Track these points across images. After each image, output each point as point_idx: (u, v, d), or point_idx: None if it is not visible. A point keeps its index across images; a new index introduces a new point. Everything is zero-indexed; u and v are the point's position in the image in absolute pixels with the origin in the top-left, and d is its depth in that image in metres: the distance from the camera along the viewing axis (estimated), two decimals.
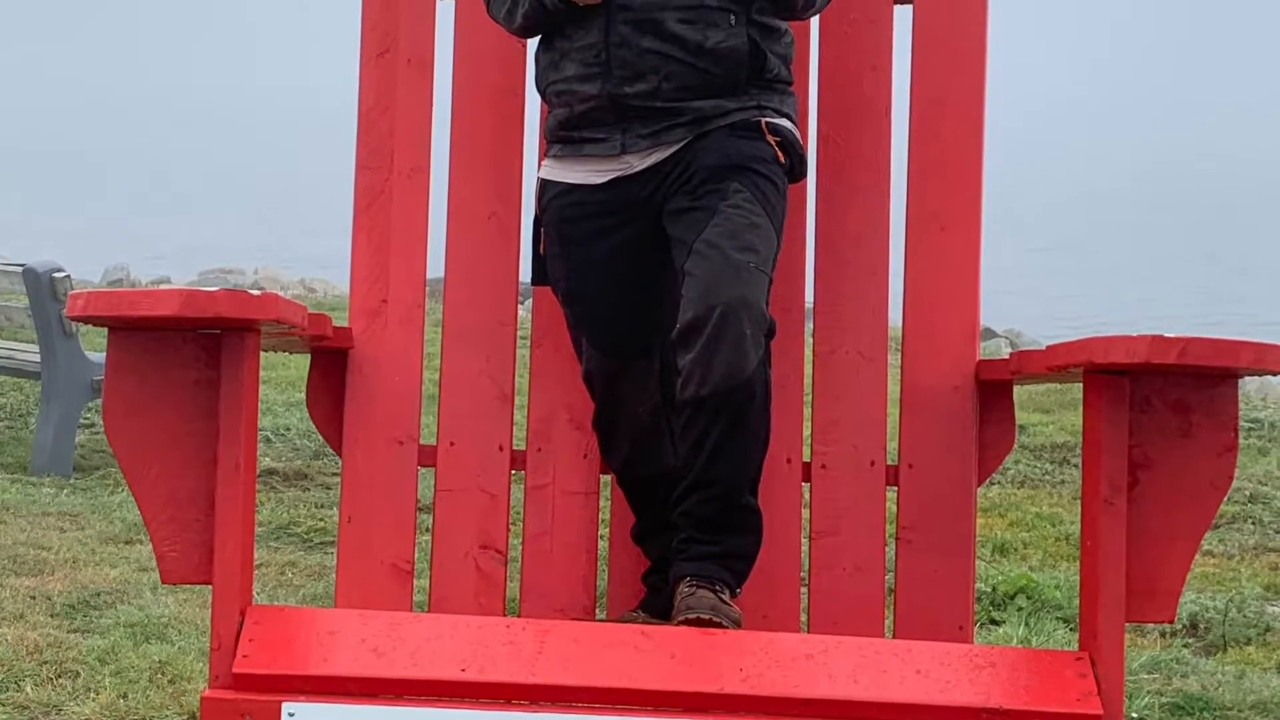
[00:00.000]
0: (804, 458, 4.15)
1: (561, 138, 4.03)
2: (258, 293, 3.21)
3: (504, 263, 4.24)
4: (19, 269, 9.34)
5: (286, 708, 3.19)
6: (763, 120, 3.95)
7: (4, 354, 9.88)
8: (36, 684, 5.29)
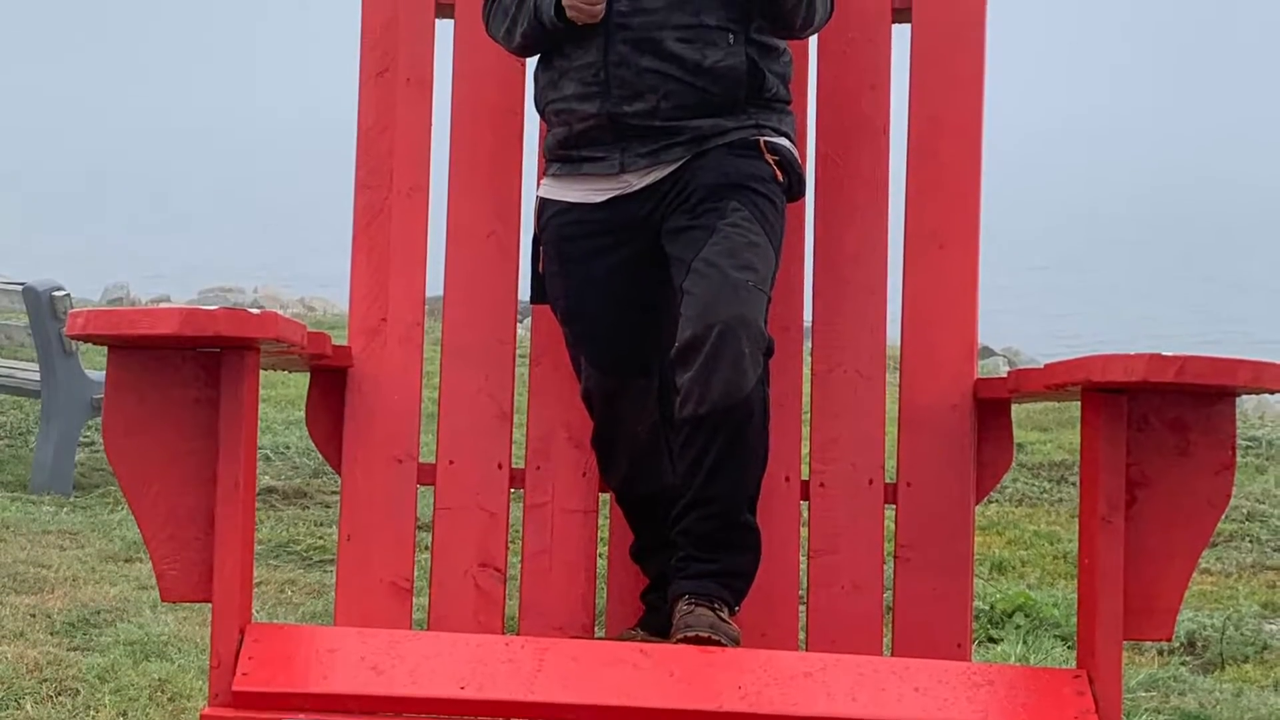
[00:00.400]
0: (802, 476, 4.15)
1: (560, 156, 4.04)
2: (257, 311, 3.22)
3: (503, 281, 4.25)
4: (19, 287, 9.34)
5: None
6: (761, 139, 3.96)
7: (4, 372, 9.88)
8: (36, 702, 5.29)
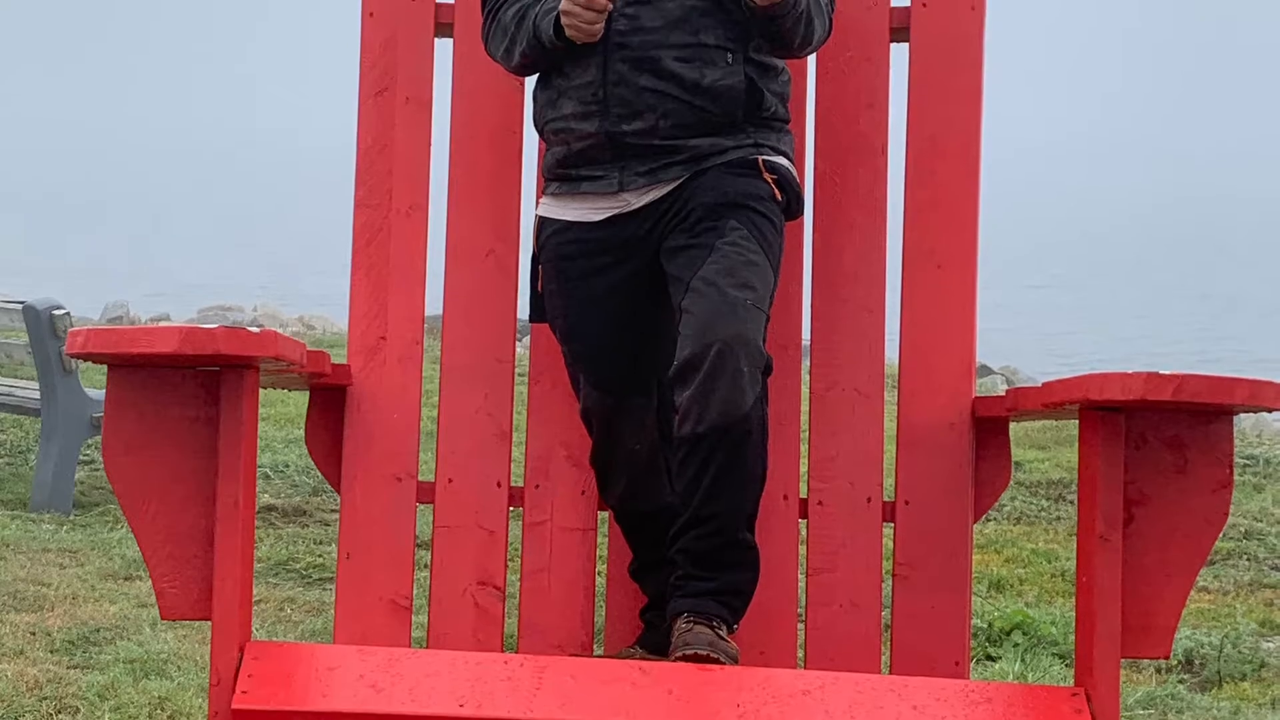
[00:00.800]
0: (801, 494, 4.16)
1: (559, 175, 4.05)
2: (257, 330, 3.23)
3: (502, 300, 4.25)
4: (19, 306, 9.35)
5: None
6: (760, 158, 3.97)
7: (4, 391, 9.89)
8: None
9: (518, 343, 4.36)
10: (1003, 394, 4.03)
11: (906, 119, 4.27)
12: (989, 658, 6.41)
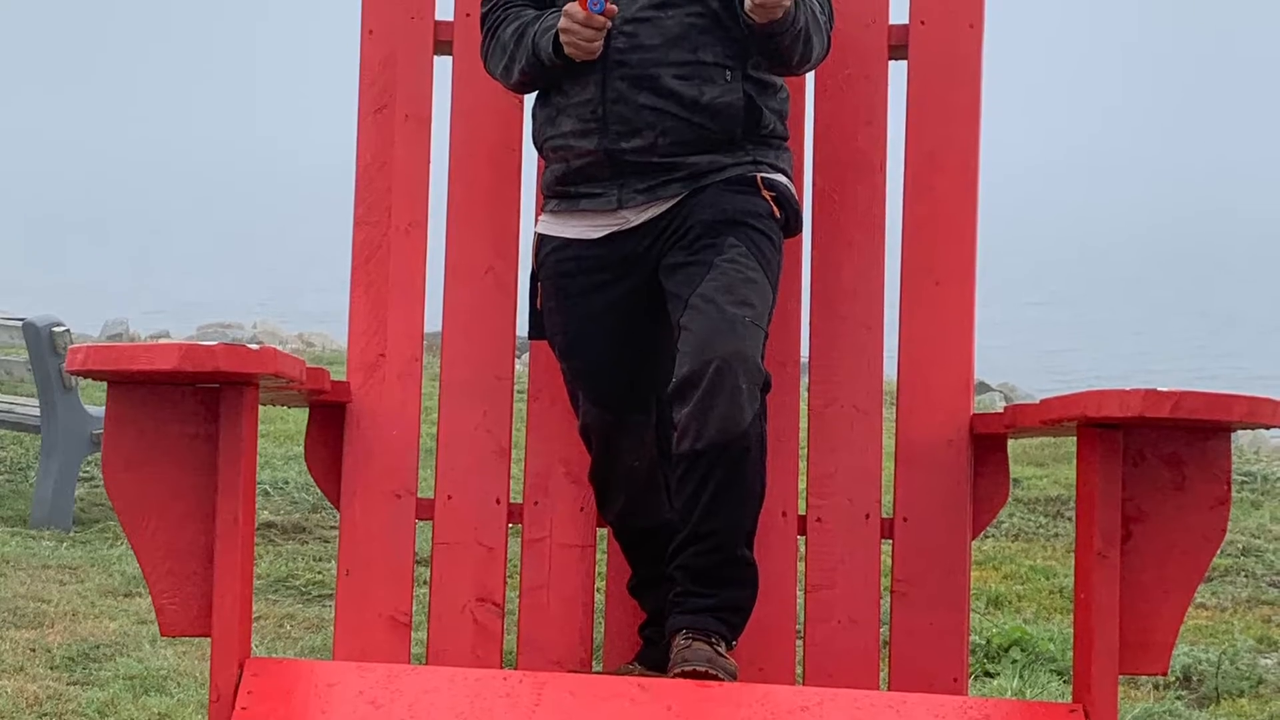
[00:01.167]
0: (799, 511, 4.16)
1: (558, 193, 4.06)
2: (256, 347, 3.24)
3: (501, 317, 4.26)
4: (19, 323, 9.36)
5: None
6: (758, 175, 3.98)
7: (4, 408, 9.89)
8: None
9: (517, 359, 4.37)
10: (1001, 411, 4.03)
11: (905, 136, 4.27)
12: (987, 674, 6.41)
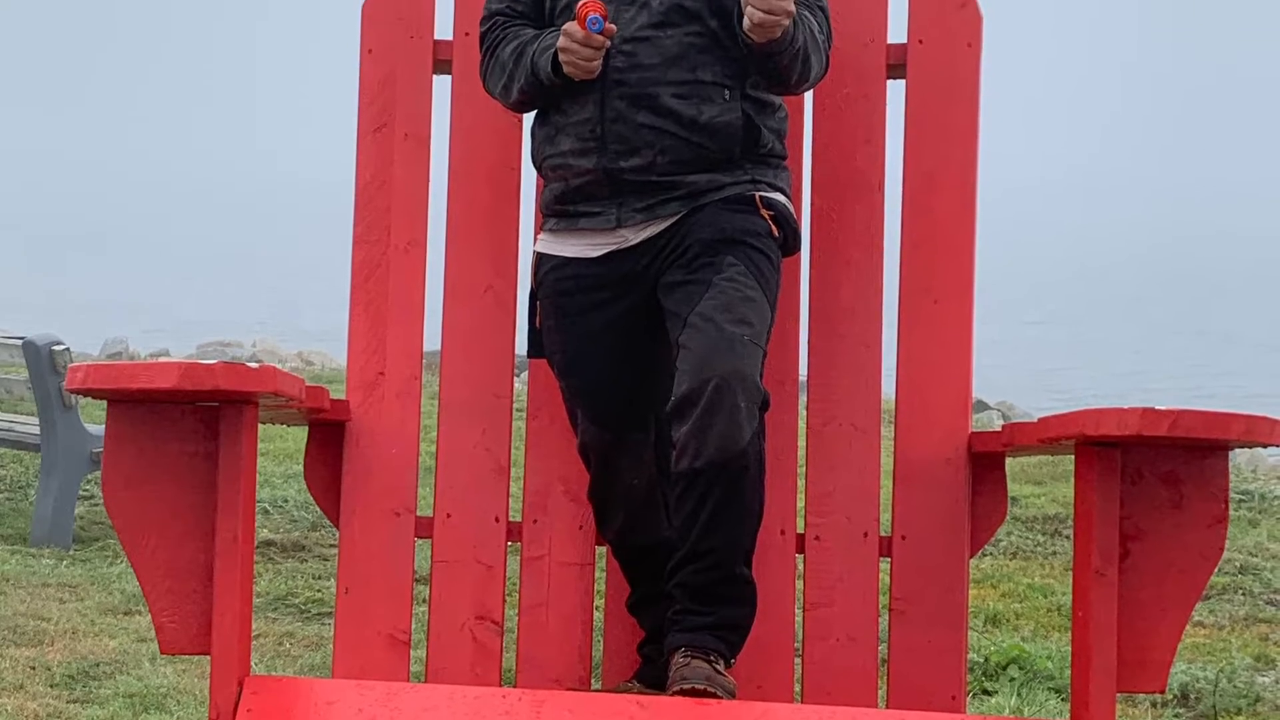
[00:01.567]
0: (798, 529, 4.16)
1: (557, 211, 4.06)
2: (255, 366, 3.24)
3: (500, 336, 4.26)
4: (19, 342, 9.37)
5: None
6: (757, 194, 3.98)
7: (4, 426, 9.90)
8: None
9: (516, 378, 4.37)
10: (999, 429, 4.04)
11: (903, 155, 4.28)
12: (985, 692, 6.41)
